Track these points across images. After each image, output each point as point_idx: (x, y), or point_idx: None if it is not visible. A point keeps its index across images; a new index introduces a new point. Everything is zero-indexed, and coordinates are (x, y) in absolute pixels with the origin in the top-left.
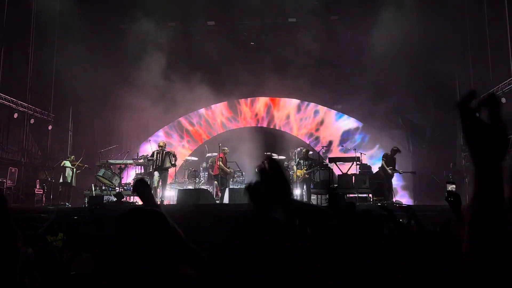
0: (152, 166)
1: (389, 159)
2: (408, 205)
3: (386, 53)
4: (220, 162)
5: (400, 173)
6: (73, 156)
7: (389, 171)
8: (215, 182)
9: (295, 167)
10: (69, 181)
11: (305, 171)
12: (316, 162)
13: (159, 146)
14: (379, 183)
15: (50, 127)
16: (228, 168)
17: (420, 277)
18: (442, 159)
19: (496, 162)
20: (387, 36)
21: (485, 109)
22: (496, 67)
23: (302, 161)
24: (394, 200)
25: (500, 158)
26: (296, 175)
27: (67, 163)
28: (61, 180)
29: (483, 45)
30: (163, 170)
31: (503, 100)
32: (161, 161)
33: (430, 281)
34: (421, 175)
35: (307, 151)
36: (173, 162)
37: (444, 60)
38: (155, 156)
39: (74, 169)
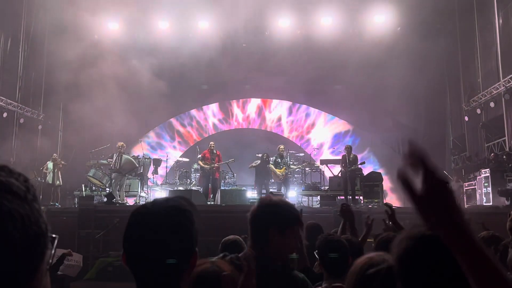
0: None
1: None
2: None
3: (378, 57)
4: (200, 161)
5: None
6: (55, 154)
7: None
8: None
9: (272, 167)
10: (51, 182)
11: (285, 170)
12: (287, 161)
13: (117, 147)
14: (370, 185)
15: (40, 127)
16: (212, 164)
17: None
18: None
19: None
20: (379, 40)
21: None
22: (485, 71)
23: (279, 160)
24: (384, 202)
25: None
26: (277, 175)
27: (50, 164)
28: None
29: (473, 50)
30: (121, 172)
31: (492, 104)
32: (119, 164)
33: None
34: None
35: (283, 148)
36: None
37: (435, 64)
38: (114, 158)
39: (56, 169)
